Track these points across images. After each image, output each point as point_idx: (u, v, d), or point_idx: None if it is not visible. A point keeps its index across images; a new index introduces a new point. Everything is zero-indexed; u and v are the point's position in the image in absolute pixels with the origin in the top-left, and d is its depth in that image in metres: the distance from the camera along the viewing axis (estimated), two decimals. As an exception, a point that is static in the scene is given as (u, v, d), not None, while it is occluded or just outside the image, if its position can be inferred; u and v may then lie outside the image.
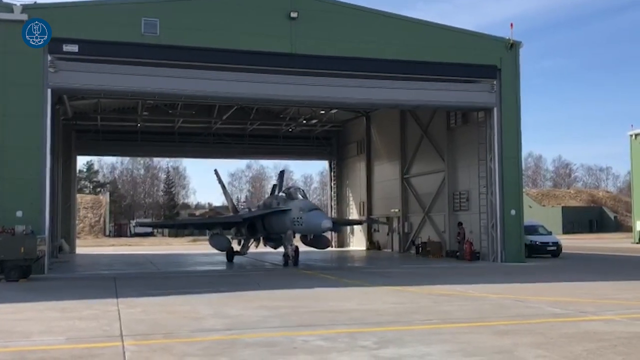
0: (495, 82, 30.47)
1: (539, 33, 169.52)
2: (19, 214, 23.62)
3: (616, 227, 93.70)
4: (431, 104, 31.98)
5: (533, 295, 16.96)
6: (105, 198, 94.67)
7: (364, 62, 28.43)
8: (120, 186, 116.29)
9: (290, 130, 49.54)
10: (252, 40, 26.91)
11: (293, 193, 29.03)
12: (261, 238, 32.76)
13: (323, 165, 56.01)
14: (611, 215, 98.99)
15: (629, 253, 40.71)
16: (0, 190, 23.99)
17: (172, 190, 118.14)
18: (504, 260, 29.90)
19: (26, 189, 24.22)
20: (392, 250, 42.99)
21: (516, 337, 10.63)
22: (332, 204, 52.41)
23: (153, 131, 47.99)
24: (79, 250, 47.26)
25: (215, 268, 30.23)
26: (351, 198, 50.31)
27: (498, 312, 13.78)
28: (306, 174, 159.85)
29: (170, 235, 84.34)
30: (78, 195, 69.24)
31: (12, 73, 24.53)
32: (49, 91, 25.11)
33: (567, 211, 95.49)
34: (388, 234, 43.68)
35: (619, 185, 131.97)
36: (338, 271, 26.40)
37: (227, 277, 24.50)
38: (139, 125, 45.81)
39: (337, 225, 37.07)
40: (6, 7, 24.47)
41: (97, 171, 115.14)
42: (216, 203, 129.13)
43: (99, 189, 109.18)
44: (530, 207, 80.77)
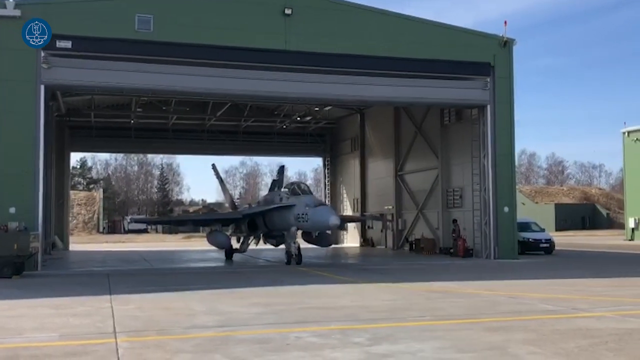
0: (488, 80, 30.52)
1: (535, 30, 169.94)
2: (12, 211, 23.56)
3: (609, 224, 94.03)
4: (425, 101, 32.02)
5: (526, 292, 17.02)
6: (98, 194, 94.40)
7: (358, 59, 28.44)
8: (114, 183, 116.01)
9: (284, 127, 49.55)
10: (246, 36, 26.87)
11: (297, 188, 27.90)
12: (261, 235, 31.82)
13: (317, 162, 56.37)
14: (604, 212, 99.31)
15: (621, 250, 40.89)
16: (-7, 186, 23.93)
17: (166, 186, 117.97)
18: (497, 257, 29.99)
19: (19, 186, 24.16)
20: (386, 247, 43.05)
21: (509, 334, 10.68)
22: (326, 201, 52.43)
23: (147, 128, 47.89)
24: (73, 246, 47.14)
25: (209, 265, 30.24)
26: (345, 195, 50.36)
27: (491, 309, 13.84)
28: (300, 171, 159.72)
29: (164, 232, 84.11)
30: (71, 191, 69.10)
31: (5, 69, 24.43)
32: (42, 87, 25.02)
33: (560, 208, 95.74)
34: (382, 231, 43.72)
35: (612, 182, 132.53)
36: (332, 268, 26.43)
37: (221, 274, 24.51)
38: (133, 121, 45.71)
39: (343, 222, 35.33)
40: (-1, 3, 24.38)
41: (91, 167, 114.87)
42: (210, 200, 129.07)
43: (93, 186, 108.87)
44: (523, 204, 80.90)
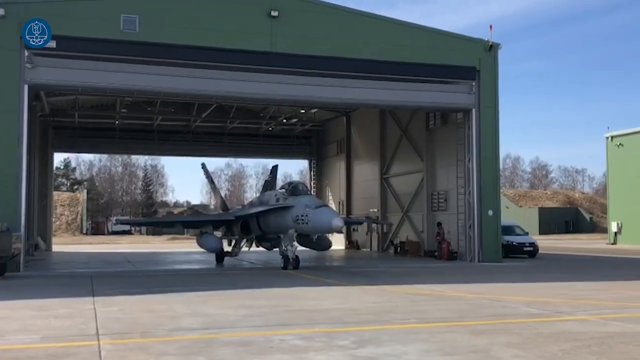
0: (474, 84, 30.67)
1: (521, 35, 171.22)
2: (-6, 211, 23.31)
3: (592, 228, 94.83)
4: (410, 105, 32.11)
5: (509, 295, 17.11)
6: (82, 195, 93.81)
7: (344, 62, 28.46)
8: (97, 183, 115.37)
9: (270, 129, 49.48)
10: (232, 38, 26.82)
11: (296, 188, 26.32)
12: (254, 238, 30.47)
13: (303, 164, 56.24)
14: (587, 216, 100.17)
15: (604, 254, 41.22)
16: (-25, 187, 23.68)
17: (150, 188, 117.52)
18: (481, 260, 30.12)
19: (2, 186, 23.90)
20: (371, 249, 43.09)
21: (493, 337, 10.72)
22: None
23: (131, 128, 47.66)
24: (56, 248, 46.77)
25: (193, 267, 30.12)
26: (331, 197, 50.35)
27: (475, 312, 13.89)
28: (286, 173, 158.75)
29: (148, 233, 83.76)
30: (55, 192, 68.61)
31: (-12, 68, 24.22)
32: (26, 87, 24.78)
33: (544, 212, 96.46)
34: (367, 234, 43.77)
35: (595, 186, 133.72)
36: (317, 270, 26.35)
37: (206, 276, 24.39)
38: (117, 122, 45.46)
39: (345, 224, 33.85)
40: (-18, 2, 24.16)
41: (75, 168, 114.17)
42: (194, 201, 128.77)
43: (76, 187, 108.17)
44: (507, 208, 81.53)
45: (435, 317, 13.11)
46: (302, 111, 44.96)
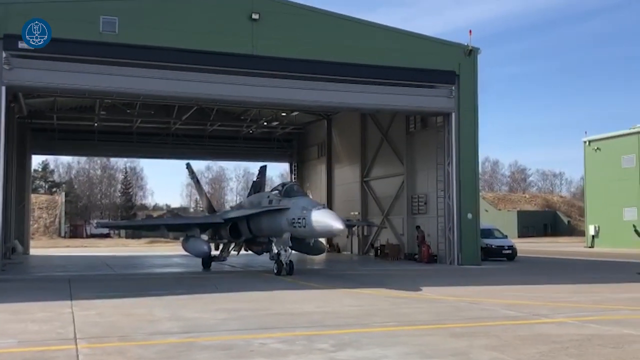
0: (453, 88, 30.88)
1: (500, 39, 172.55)
2: (-30, 214, 23.02)
3: (570, 231, 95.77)
4: (391, 108, 32.23)
5: (488, 297, 17.23)
6: (60, 198, 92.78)
7: (325, 65, 28.50)
8: (76, 186, 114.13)
9: (250, 131, 49.42)
10: (213, 40, 26.75)
11: (291, 189, 24.85)
12: (243, 242, 29.00)
13: (284, 167, 56.12)
14: (565, 219, 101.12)
15: (582, 257, 41.66)
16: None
17: (130, 191, 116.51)
18: (461, 263, 30.30)
19: (-22, 189, 23.62)
20: (352, 252, 43.14)
21: (472, 339, 10.79)
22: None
23: (111, 131, 47.35)
24: (33, 251, 46.24)
25: (173, 270, 29.95)
26: (311, 200, 50.24)
27: (454, 315, 13.96)
28: (267, 176, 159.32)
29: (127, 236, 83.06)
30: (33, 195, 67.81)
31: (-35, 70, 23.93)
32: (4, 89, 24.57)
33: (522, 215, 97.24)
34: (348, 237, 43.79)
35: (573, 190, 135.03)
36: (297, 274, 26.25)
37: (185, 280, 24.28)
38: (97, 124, 45.13)
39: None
40: (-42, 2, 23.86)
41: (53, 171, 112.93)
42: (174, 204, 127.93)
43: (55, 189, 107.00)
44: (486, 211, 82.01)
45: (415, 320, 13.15)
46: (283, 114, 44.97)
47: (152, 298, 17.10)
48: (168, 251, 48.50)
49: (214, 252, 29.62)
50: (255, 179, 33.61)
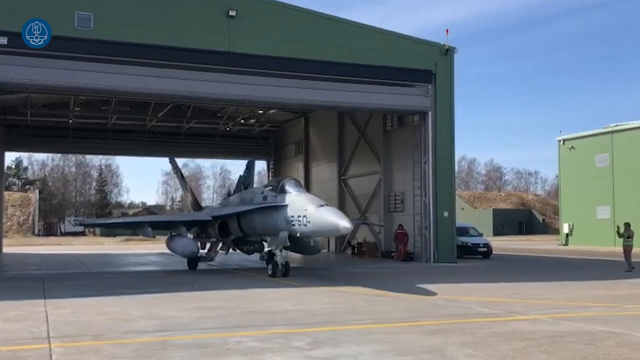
0: (430, 87, 31.05)
1: (476, 39, 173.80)
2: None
3: (544, 230, 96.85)
4: (368, 107, 32.30)
5: (464, 295, 17.36)
6: (34, 196, 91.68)
7: (302, 63, 28.46)
8: (50, 183, 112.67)
9: (227, 129, 49.23)
10: (189, 37, 26.56)
11: (288, 185, 22.73)
12: (232, 241, 27.49)
13: (261, 165, 55.90)
14: (539, 217, 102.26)
15: (556, 254, 42.14)
16: None
17: (105, 188, 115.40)
18: (437, 260, 30.49)
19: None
20: (329, 250, 43.17)
21: (447, 337, 10.86)
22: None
23: (85, 128, 46.86)
24: (6, 249, 45.68)
25: (148, 268, 29.70)
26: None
27: (430, 312, 14.04)
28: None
29: (102, 234, 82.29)
30: (6, 192, 66.97)
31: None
32: (-25, 85, 24.17)
33: (498, 213, 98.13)
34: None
35: (547, 188, 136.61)
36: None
37: (160, 278, 24.11)
38: (71, 121, 44.62)
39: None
40: None
41: (27, 168, 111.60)
42: (150, 202, 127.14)
43: (28, 186, 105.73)
44: (462, 209, 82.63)
45: (390, 318, 13.21)
46: (260, 112, 44.87)
47: (127, 297, 16.97)
48: (143, 249, 48.15)
49: (201, 252, 27.99)
50: (242, 174, 31.95)
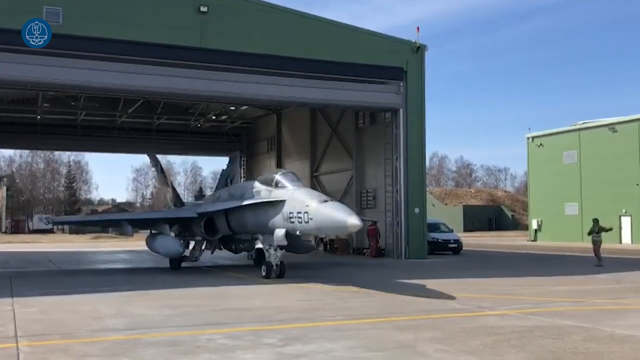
0: (401, 84, 31.21)
1: (448, 37, 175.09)
2: None
3: (514, 226, 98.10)
4: (339, 104, 32.34)
5: (434, 291, 17.47)
6: (1, 193, 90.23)
7: (274, 59, 28.40)
8: (18, 180, 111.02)
9: (199, 125, 48.91)
10: (160, 32, 26.30)
11: (284, 178, 20.92)
12: (218, 240, 25.86)
13: (233, 161, 55.61)
14: (509, 214, 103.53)
15: (525, 250, 42.72)
16: None
17: (74, 185, 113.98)
18: (408, 257, 30.68)
19: None
20: (300, 247, 43.09)
21: (418, 332, 10.95)
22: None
23: (54, 124, 46.16)
24: (-28, 247, 44.82)
25: (118, 266, 29.41)
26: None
27: (400, 308, 14.13)
28: (215, 170, 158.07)
29: (71, 232, 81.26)
30: (-29, 189, 65.64)
31: None
32: (-60, 79, 23.66)
33: (468, 210, 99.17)
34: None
35: (517, 185, 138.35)
36: (245, 269, 26.18)
37: (131, 276, 23.88)
38: (39, 117, 43.92)
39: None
40: None
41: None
42: (120, 199, 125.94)
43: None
44: (433, 206, 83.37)
45: (362, 314, 13.28)
46: (232, 108, 44.65)
47: (97, 295, 16.80)
48: (113, 247, 47.67)
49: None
50: (224, 168, 30.08)
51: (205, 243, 26.45)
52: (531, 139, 61.91)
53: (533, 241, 58.99)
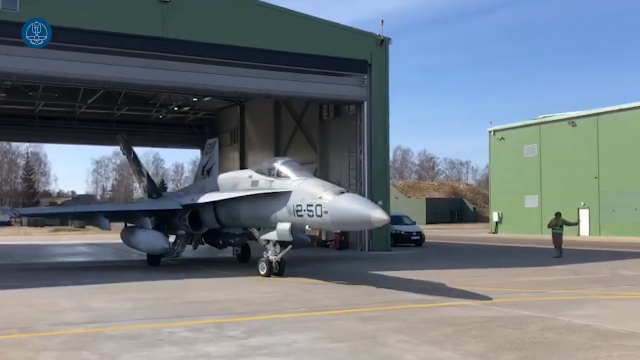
0: (365, 77, 31.26)
1: (410, 30, 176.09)
2: None
3: (475, 218, 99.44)
4: (303, 96, 32.30)
5: (396, 282, 17.61)
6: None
7: (237, 50, 28.17)
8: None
9: (160, 117, 48.36)
10: (121, 21, 25.82)
11: (287, 167, 19.06)
12: (202, 234, 24.19)
13: (195, 153, 55.33)
14: (470, 206, 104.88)
15: (486, 242, 43.35)
16: None
17: (32, 177, 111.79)
18: (371, 249, 30.83)
19: None
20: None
21: (380, 323, 11.03)
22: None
23: (11, 114, 45.11)
24: None
25: (79, 259, 28.96)
26: (223, 187, 49.75)
27: (363, 299, 14.21)
28: (177, 163, 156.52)
29: (29, 224, 79.61)
30: None
31: None
32: None
33: (431, 202, 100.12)
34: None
35: (478, 178, 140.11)
36: (207, 262, 26.01)
37: (92, 269, 23.55)
38: (-4, 107, 42.91)
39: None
40: None
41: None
42: (80, 191, 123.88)
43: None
44: (396, 198, 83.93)
45: (325, 305, 13.32)
46: (195, 99, 44.24)
47: (56, 288, 16.51)
48: (73, 240, 46.90)
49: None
50: (201, 158, 27.74)
51: (187, 237, 24.44)
52: (493, 133, 62.73)
53: (494, 233, 59.87)
